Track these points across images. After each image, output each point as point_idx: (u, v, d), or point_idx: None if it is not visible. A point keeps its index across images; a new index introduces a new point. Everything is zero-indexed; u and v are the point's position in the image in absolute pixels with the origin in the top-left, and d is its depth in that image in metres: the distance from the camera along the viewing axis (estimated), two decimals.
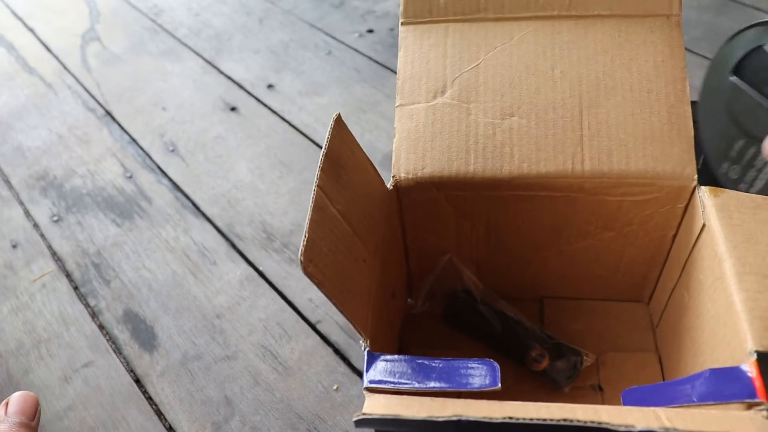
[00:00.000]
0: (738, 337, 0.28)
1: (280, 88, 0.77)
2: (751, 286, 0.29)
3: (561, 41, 0.39)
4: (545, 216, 0.40)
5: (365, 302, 0.33)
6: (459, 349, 0.44)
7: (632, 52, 0.38)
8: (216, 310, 0.52)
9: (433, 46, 0.41)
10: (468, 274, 0.44)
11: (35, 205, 0.65)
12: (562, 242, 0.42)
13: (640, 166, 0.36)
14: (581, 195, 0.38)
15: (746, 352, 0.27)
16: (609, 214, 0.39)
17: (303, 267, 0.27)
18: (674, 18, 0.39)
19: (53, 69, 0.85)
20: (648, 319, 0.45)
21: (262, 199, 0.62)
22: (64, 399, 0.47)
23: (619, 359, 0.42)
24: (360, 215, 0.34)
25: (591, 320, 0.45)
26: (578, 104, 0.38)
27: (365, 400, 0.29)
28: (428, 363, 0.30)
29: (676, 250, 0.39)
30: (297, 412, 0.45)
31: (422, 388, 0.29)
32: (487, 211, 0.41)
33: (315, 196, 0.30)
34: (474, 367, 0.29)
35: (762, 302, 0.28)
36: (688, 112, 0.37)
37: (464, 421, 0.26)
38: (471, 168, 0.38)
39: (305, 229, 0.28)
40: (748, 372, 0.26)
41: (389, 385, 0.29)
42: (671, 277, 0.40)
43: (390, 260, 0.41)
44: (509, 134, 0.38)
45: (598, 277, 0.44)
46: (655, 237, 0.40)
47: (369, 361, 0.30)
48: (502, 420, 0.25)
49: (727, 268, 0.30)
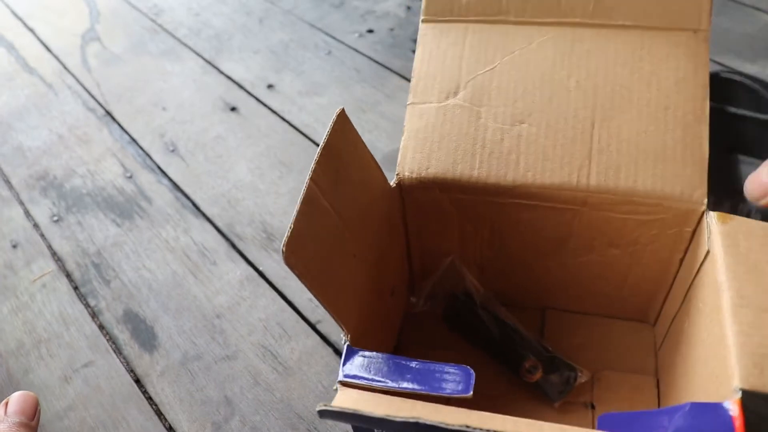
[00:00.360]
0: (725, 372, 0.27)
1: (280, 88, 0.77)
2: (745, 320, 0.27)
3: (580, 50, 0.38)
4: (548, 227, 0.39)
5: (351, 297, 0.33)
6: (456, 351, 0.44)
7: (653, 66, 0.37)
8: (216, 310, 0.52)
9: (450, 46, 0.40)
10: (470, 277, 0.44)
11: (35, 205, 0.65)
12: (565, 254, 0.41)
13: (648, 185, 0.35)
14: (585, 209, 0.37)
15: (731, 388, 0.26)
16: (614, 231, 0.38)
17: (284, 257, 0.27)
18: (702, 33, 0.37)
19: (53, 69, 0.85)
20: (652, 341, 0.43)
21: (262, 199, 0.62)
22: (64, 399, 0.47)
23: (615, 379, 0.41)
24: (355, 211, 0.34)
25: (592, 336, 0.44)
26: (591, 116, 0.37)
27: (337, 393, 0.29)
28: (405, 363, 0.30)
29: (683, 274, 0.38)
30: (297, 412, 0.45)
31: (395, 388, 0.29)
32: (491, 216, 0.40)
33: (306, 188, 0.29)
34: (449, 372, 0.29)
35: (755, 338, 0.27)
36: (705, 133, 0.35)
37: (421, 424, 0.26)
38: (475, 172, 0.37)
39: (291, 220, 0.28)
40: (730, 410, 0.25)
41: (363, 381, 0.29)
42: (676, 301, 0.38)
43: (389, 258, 0.41)
44: (517, 141, 0.37)
45: (603, 293, 0.43)
46: (661, 258, 0.39)
47: (347, 355, 0.31)
48: (458, 427, 0.25)
49: (724, 299, 0.29)
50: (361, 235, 0.35)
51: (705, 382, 0.30)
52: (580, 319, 0.45)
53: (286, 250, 0.27)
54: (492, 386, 0.42)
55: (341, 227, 0.32)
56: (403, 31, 0.85)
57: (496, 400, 0.42)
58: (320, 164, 0.31)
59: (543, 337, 0.45)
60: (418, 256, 0.45)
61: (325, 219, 0.31)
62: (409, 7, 0.90)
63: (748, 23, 0.76)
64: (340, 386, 0.30)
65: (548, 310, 0.46)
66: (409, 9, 0.89)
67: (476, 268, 0.45)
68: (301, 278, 0.28)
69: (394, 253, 0.42)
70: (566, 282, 0.43)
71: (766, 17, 0.77)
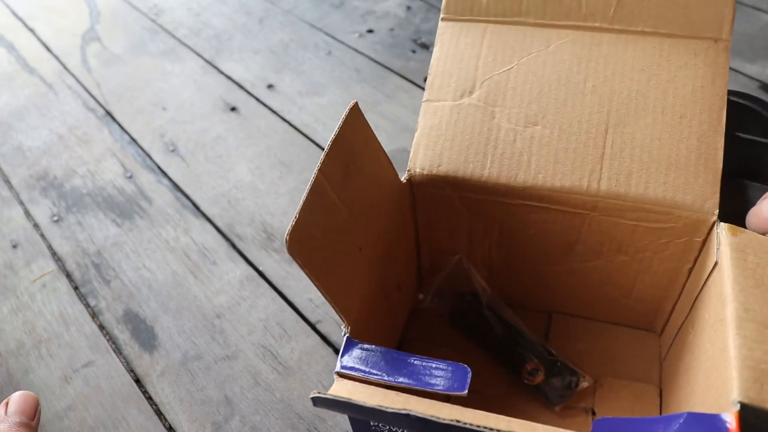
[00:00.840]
0: (726, 384, 0.26)
1: (280, 88, 0.77)
2: (749, 334, 0.27)
3: (598, 54, 0.38)
4: (557, 230, 0.39)
5: (354, 289, 0.33)
6: (460, 351, 0.44)
7: (671, 73, 0.37)
8: (216, 310, 0.52)
9: (468, 45, 0.40)
10: (477, 277, 0.44)
11: (35, 205, 0.65)
12: (574, 258, 0.41)
13: (658, 193, 0.35)
14: (595, 214, 0.37)
15: (730, 401, 0.25)
16: (623, 238, 0.38)
17: (287, 246, 0.27)
18: (723, 43, 0.36)
19: (53, 69, 0.85)
20: (657, 350, 0.43)
21: (262, 199, 0.62)
22: (64, 399, 0.47)
23: (618, 386, 0.41)
24: (364, 204, 0.34)
25: (597, 342, 0.44)
26: (605, 121, 0.37)
27: (334, 383, 0.29)
28: (403, 358, 0.30)
29: (690, 285, 0.37)
30: (297, 411, 0.45)
31: (391, 382, 0.29)
32: (501, 217, 0.40)
33: (314, 179, 0.29)
34: (446, 369, 0.29)
35: (757, 352, 0.26)
36: (720, 143, 0.35)
37: (412, 416, 0.26)
38: (486, 172, 0.37)
39: (297, 209, 0.28)
40: (728, 423, 0.25)
41: (360, 374, 0.29)
42: (683, 311, 0.38)
43: (397, 253, 0.41)
44: (529, 143, 0.37)
45: (610, 300, 0.43)
46: (670, 267, 0.38)
47: (346, 347, 0.31)
48: (449, 421, 0.26)
49: (729, 311, 0.28)
50: (369, 228, 0.35)
51: (705, 393, 0.30)
52: (586, 325, 0.45)
53: (290, 239, 0.27)
54: (493, 387, 0.42)
55: (348, 220, 0.32)
56: (403, 31, 0.85)
57: (496, 401, 0.42)
58: (330, 156, 0.31)
59: (548, 341, 0.44)
60: (427, 252, 0.45)
61: (332, 210, 0.31)
62: (409, 7, 0.90)
63: (748, 23, 0.76)
64: (336, 377, 0.30)
65: (555, 314, 0.46)
66: (409, 9, 0.89)
67: (485, 269, 0.45)
68: (303, 268, 0.28)
69: (403, 249, 0.42)
70: (573, 286, 0.43)
71: (766, 17, 0.77)
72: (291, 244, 0.27)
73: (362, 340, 0.31)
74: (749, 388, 0.25)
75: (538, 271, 0.43)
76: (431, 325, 0.46)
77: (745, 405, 0.25)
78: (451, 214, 0.41)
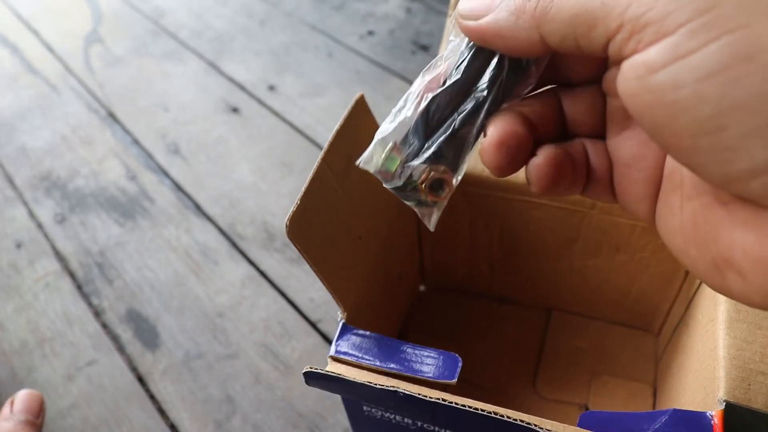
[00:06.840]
0: (713, 383, 0.27)
1: (281, 89, 0.78)
2: (739, 335, 0.28)
3: None
4: (557, 227, 0.40)
5: (352, 276, 0.33)
6: (459, 343, 0.45)
7: None
8: (218, 309, 0.53)
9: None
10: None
11: (39, 205, 0.65)
12: (573, 256, 0.41)
13: None
14: (594, 212, 0.38)
15: (716, 399, 0.26)
16: (621, 237, 0.38)
17: (287, 231, 0.27)
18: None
19: (57, 70, 0.85)
20: (653, 350, 0.44)
21: (263, 199, 0.63)
22: (68, 397, 0.48)
23: (612, 384, 0.42)
24: (366, 195, 0.34)
25: (594, 340, 0.45)
26: None
27: (327, 365, 0.30)
28: (397, 345, 0.30)
29: (687, 286, 0.38)
30: (298, 410, 0.45)
31: (382, 367, 0.29)
32: (501, 213, 0.41)
33: (317, 167, 0.30)
34: (437, 357, 0.30)
35: (746, 353, 0.27)
36: None
37: (401, 393, 0.27)
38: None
39: (299, 196, 0.28)
40: (712, 421, 0.25)
41: (353, 359, 0.30)
42: (678, 312, 0.39)
43: (398, 244, 0.41)
44: None
45: (608, 299, 0.44)
46: (667, 268, 0.39)
47: (341, 332, 0.31)
48: (435, 399, 0.26)
49: (720, 311, 0.29)
50: (370, 218, 0.35)
51: (695, 392, 0.31)
52: (584, 323, 0.46)
53: (290, 224, 0.27)
54: (491, 380, 0.43)
55: (349, 208, 0.33)
56: (404, 33, 0.85)
57: (490, 393, 0.42)
58: (334, 146, 0.31)
59: (547, 337, 0.45)
60: (429, 246, 0.46)
61: (333, 198, 0.32)
62: (409, 9, 0.90)
63: None
64: (330, 360, 0.30)
65: (554, 312, 0.47)
66: (409, 11, 0.90)
67: (486, 264, 0.45)
68: (302, 253, 0.28)
69: (404, 240, 0.43)
70: (573, 284, 0.44)
71: None
72: (291, 229, 0.27)
73: (360, 328, 0.32)
74: (736, 387, 0.26)
75: (539, 267, 0.44)
76: (432, 317, 0.47)
77: (730, 404, 0.25)
78: (452, 208, 0.41)
